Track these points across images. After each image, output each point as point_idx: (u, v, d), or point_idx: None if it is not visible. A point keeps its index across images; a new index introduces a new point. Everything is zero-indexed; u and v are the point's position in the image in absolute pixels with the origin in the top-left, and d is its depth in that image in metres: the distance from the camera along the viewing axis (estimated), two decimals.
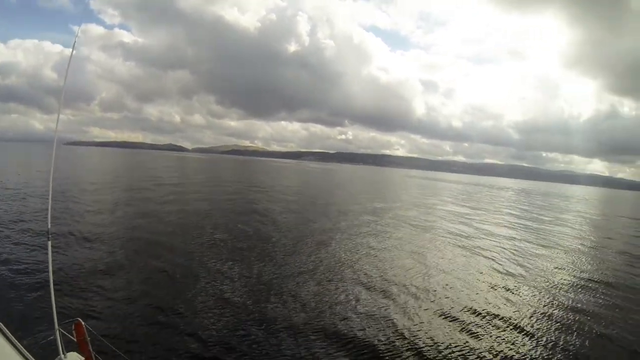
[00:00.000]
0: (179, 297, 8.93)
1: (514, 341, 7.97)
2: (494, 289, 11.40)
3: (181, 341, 7.00)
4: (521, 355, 7.40)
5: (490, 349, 7.54)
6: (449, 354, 7.27)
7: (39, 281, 9.16)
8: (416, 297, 10.24)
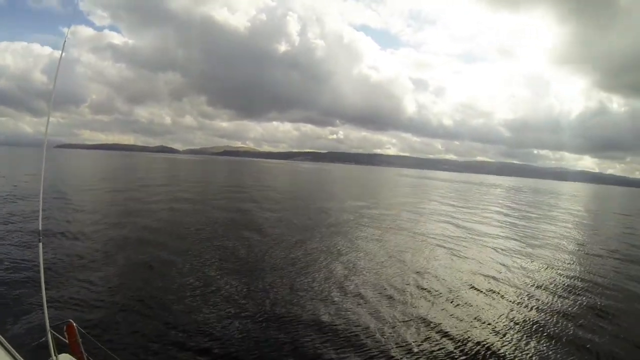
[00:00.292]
0: (171, 299, 8.91)
1: (495, 342, 7.76)
2: (476, 288, 11.19)
3: (174, 341, 7.00)
4: (503, 356, 7.26)
5: (471, 349, 7.46)
6: (427, 354, 7.13)
7: (29, 283, 9.06)
8: (412, 295, 10.36)
